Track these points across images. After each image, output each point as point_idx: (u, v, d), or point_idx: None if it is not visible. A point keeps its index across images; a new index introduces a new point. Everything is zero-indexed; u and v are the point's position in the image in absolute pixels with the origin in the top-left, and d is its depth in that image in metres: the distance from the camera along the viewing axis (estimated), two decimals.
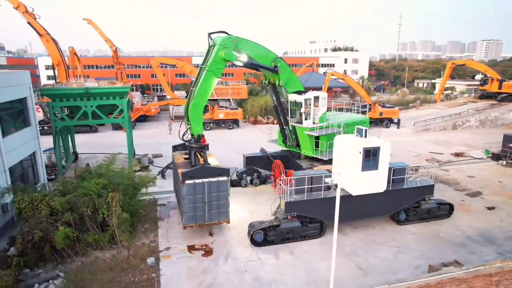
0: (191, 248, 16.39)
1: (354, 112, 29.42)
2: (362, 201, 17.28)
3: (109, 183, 17.09)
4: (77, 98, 24.04)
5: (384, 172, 16.97)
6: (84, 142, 38.11)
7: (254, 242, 16.37)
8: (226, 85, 56.34)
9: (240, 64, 19.61)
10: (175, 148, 20.78)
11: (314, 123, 21.08)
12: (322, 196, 16.79)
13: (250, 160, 24.37)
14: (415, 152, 33.72)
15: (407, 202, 18.40)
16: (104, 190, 16.71)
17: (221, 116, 45.11)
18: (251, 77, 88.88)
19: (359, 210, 17.54)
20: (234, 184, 23.53)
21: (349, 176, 16.87)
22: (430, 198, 18.90)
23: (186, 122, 18.56)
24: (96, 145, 36.51)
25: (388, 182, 17.59)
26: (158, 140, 38.79)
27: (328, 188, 17.45)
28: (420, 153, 33.17)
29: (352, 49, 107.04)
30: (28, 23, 31.35)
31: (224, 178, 16.80)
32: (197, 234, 17.68)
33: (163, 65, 56.07)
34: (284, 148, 24.88)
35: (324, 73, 50.85)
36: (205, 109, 47.34)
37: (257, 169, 24.41)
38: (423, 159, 31.37)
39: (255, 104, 51.08)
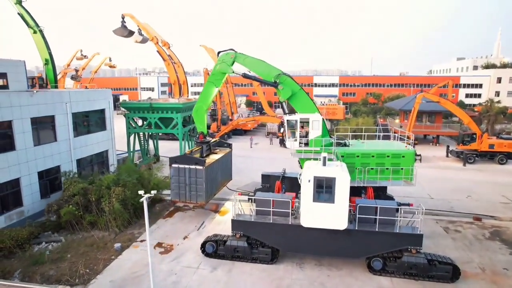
0: (159, 245, 18.69)
1: (398, 141, 25.19)
2: (318, 235, 15.70)
3: (118, 179, 21.37)
4: (145, 111, 30.16)
5: (343, 208, 15.00)
6: (177, 148, 45.81)
7: (205, 252, 17.30)
8: (322, 104, 55.96)
9: (241, 76, 21.53)
10: (201, 143, 23.82)
11: (305, 144, 20.14)
12: (270, 221, 16.22)
13: (266, 179, 24.69)
14: (510, 198, 25.85)
15: (381, 249, 15.38)
16: (114, 184, 21.06)
17: None
18: (370, 97, 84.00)
19: (314, 245, 15.95)
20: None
21: (302, 205, 15.80)
22: (418, 250, 15.16)
23: None
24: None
25: (354, 221, 15.36)
26: (236, 152, 42.56)
27: (291, 215, 16.66)
28: None
29: (511, 66, 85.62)
30: (157, 51, 40.94)
31: (200, 167, 19.96)
32: (175, 235, 19.81)
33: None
34: None
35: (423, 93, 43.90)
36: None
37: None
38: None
39: (346, 125, 48.94)
